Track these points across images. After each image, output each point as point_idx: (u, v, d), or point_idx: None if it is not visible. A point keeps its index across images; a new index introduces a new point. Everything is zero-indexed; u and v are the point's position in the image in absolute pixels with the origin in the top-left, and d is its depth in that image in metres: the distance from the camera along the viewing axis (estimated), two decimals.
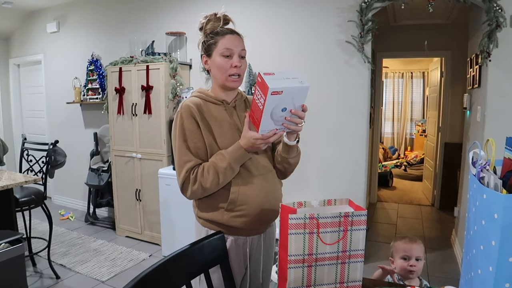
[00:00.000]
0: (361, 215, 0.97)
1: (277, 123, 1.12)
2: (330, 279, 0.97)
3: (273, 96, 1.02)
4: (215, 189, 1.22)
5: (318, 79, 2.94)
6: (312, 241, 0.93)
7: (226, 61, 1.25)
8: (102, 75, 3.98)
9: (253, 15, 3.16)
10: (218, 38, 1.27)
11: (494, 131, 2.39)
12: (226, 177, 1.20)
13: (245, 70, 1.31)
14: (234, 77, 1.27)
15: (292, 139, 1.25)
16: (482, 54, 2.42)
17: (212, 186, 1.20)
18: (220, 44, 1.26)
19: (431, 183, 4.85)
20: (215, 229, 1.27)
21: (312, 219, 0.92)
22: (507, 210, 0.66)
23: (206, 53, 1.31)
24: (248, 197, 1.26)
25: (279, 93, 1.02)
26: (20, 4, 4.32)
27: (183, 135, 1.23)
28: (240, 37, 1.31)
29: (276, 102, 1.04)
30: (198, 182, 1.20)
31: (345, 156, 2.93)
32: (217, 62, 1.27)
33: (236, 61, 1.25)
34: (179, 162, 1.23)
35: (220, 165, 1.18)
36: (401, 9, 2.60)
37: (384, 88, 7.27)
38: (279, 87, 1.01)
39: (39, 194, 2.80)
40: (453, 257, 3.13)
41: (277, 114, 1.09)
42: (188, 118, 1.24)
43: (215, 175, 1.19)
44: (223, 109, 1.32)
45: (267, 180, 1.31)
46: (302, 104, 1.11)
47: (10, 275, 1.94)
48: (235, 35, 1.29)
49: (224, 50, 1.25)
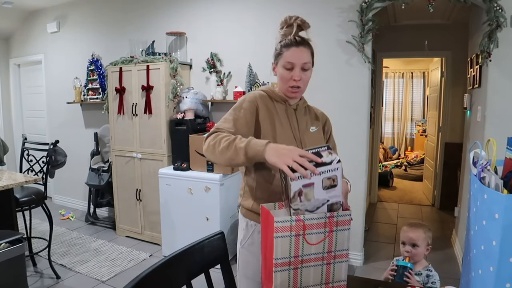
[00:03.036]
0: (346, 215, 0.97)
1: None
2: (316, 280, 0.97)
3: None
4: (222, 159, 1.16)
5: (319, 79, 2.94)
6: (298, 243, 0.93)
7: (288, 73, 1.28)
8: (103, 75, 3.98)
9: (254, 15, 3.16)
10: (284, 50, 1.30)
11: (494, 131, 2.39)
12: (234, 157, 1.13)
13: (307, 81, 1.32)
14: (294, 88, 1.29)
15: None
16: (483, 54, 2.42)
17: (221, 155, 1.15)
18: (284, 56, 1.28)
19: (431, 183, 4.85)
20: (255, 220, 1.31)
21: (298, 221, 0.92)
22: (508, 210, 0.66)
23: (274, 61, 1.35)
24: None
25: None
26: (20, 4, 4.32)
27: (237, 109, 1.28)
28: (305, 49, 1.31)
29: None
30: (217, 141, 1.17)
31: (345, 156, 2.92)
32: (279, 72, 1.31)
33: (296, 75, 1.27)
34: (219, 124, 1.25)
35: (237, 143, 1.13)
36: (401, 9, 2.60)
37: (385, 88, 7.27)
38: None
39: (39, 194, 2.80)
40: (453, 257, 3.13)
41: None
42: (251, 101, 1.29)
43: (228, 146, 1.14)
44: (284, 108, 1.35)
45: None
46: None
47: (11, 275, 1.94)
48: (300, 47, 1.29)
49: (286, 63, 1.28)
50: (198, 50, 3.45)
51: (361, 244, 2.99)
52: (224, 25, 3.30)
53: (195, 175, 2.92)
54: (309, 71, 1.32)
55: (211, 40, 3.37)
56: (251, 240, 1.36)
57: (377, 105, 4.75)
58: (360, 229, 2.97)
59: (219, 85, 3.30)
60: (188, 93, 3.22)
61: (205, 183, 2.86)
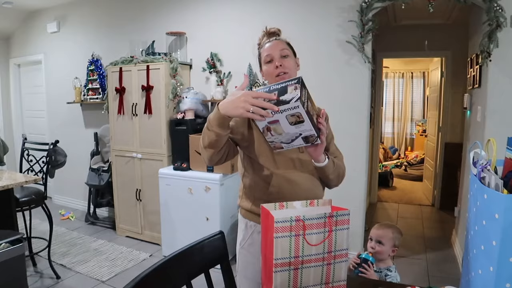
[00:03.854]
0: (345, 214, 0.97)
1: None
2: (316, 281, 0.97)
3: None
4: (209, 149, 1.18)
5: (319, 79, 2.94)
6: (298, 243, 0.93)
7: (270, 65, 1.31)
8: (103, 75, 3.98)
9: (254, 15, 3.16)
10: (260, 50, 1.37)
11: (494, 131, 2.39)
12: (210, 136, 1.15)
13: (293, 67, 1.32)
14: (281, 75, 1.29)
15: (320, 160, 1.24)
16: (483, 54, 2.42)
17: (204, 145, 1.19)
18: (262, 54, 1.35)
19: (431, 183, 4.85)
20: (255, 221, 1.32)
21: (298, 221, 0.92)
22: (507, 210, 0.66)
23: (260, 66, 1.39)
24: (289, 193, 1.28)
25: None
26: (20, 4, 4.32)
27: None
28: (278, 41, 1.34)
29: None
30: (201, 142, 1.22)
31: (345, 156, 2.91)
32: (264, 70, 1.34)
33: (277, 61, 1.29)
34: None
35: (204, 127, 1.18)
36: (401, 9, 2.60)
37: (385, 88, 7.27)
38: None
39: (39, 194, 2.80)
40: (453, 257, 3.13)
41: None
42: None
43: (203, 135, 1.19)
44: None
45: (310, 178, 1.33)
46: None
47: (11, 275, 1.94)
48: (272, 41, 1.34)
49: (265, 58, 1.32)
50: (198, 50, 3.45)
51: (361, 244, 2.99)
52: (224, 25, 3.30)
53: (195, 175, 2.92)
54: (290, 59, 1.32)
55: (211, 40, 3.37)
56: (251, 240, 1.35)
57: (377, 105, 4.74)
58: (360, 229, 2.97)
59: (219, 85, 3.29)
60: (188, 93, 3.22)
61: (205, 183, 2.86)
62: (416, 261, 3.10)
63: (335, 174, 1.34)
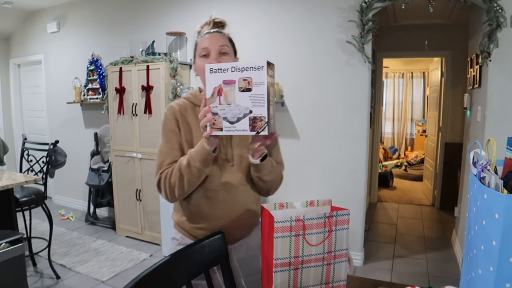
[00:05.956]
0: (345, 214, 0.97)
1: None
2: (316, 281, 0.97)
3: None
4: (182, 189, 1.12)
5: (319, 79, 2.94)
6: (298, 243, 0.93)
7: (204, 61, 1.16)
8: (103, 75, 3.98)
9: (254, 15, 3.16)
10: (198, 41, 1.21)
11: (494, 131, 2.39)
12: (189, 176, 1.09)
13: None
14: None
15: (256, 156, 1.09)
16: (483, 54, 2.42)
17: (179, 186, 1.12)
18: (199, 45, 1.20)
19: (431, 183, 4.85)
20: (183, 233, 1.25)
21: (298, 221, 0.92)
22: (508, 210, 0.66)
23: (193, 58, 1.24)
24: (208, 212, 1.20)
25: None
26: (20, 4, 4.32)
27: (164, 136, 1.22)
28: (220, 34, 1.21)
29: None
30: (167, 182, 1.13)
31: (346, 156, 2.94)
32: (197, 66, 1.20)
33: (212, 58, 1.15)
34: (157, 163, 1.20)
35: (182, 163, 1.10)
36: (401, 9, 2.60)
37: (385, 88, 7.27)
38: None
39: (39, 194, 2.80)
40: (453, 257, 3.13)
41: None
42: (171, 120, 1.21)
43: (179, 173, 1.11)
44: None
45: (235, 196, 1.20)
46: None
47: (10, 275, 1.94)
48: (213, 34, 1.20)
49: (201, 51, 1.18)
50: None
51: (361, 244, 2.99)
52: None
53: None
54: (228, 58, 1.19)
55: None
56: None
57: (377, 105, 4.75)
58: (360, 229, 2.97)
59: None
60: (187, 93, 3.21)
61: None
62: (416, 261, 3.10)
63: (271, 177, 1.19)
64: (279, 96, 3.05)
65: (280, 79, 3.05)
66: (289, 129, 3.09)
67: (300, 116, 3.06)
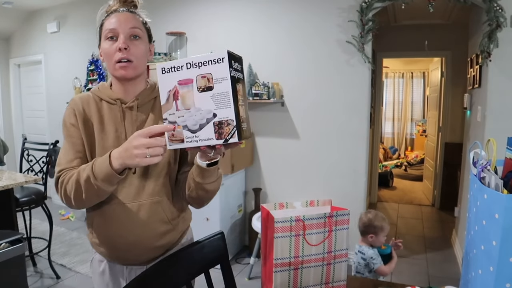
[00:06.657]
0: (345, 214, 0.97)
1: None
2: (316, 281, 0.97)
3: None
4: (79, 202, 0.96)
5: (319, 79, 2.94)
6: (298, 243, 0.93)
7: (111, 44, 0.98)
8: (103, 75, 3.98)
9: (254, 15, 3.16)
10: (104, 20, 1.02)
11: (494, 131, 2.39)
12: (89, 191, 0.92)
13: (142, 55, 1.01)
14: (122, 63, 0.98)
15: (205, 159, 0.89)
16: (483, 54, 2.42)
17: (75, 199, 0.95)
18: (104, 26, 1.01)
19: (431, 183, 4.85)
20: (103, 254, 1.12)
21: (298, 221, 0.92)
22: (508, 210, 0.66)
23: (98, 42, 1.05)
24: (102, 227, 1.06)
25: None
26: (20, 4, 4.32)
27: (65, 131, 1.07)
28: (131, 14, 1.02)
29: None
30: (63, 188, 0.97)
31: (346, 156, 2.94)
32: (103, 48, 1.01)
33: (121, 41, 0.96)
34: (57, 160, 1.04)
35: (82, 175, 0.92)
36: (401, 9, 2.61)
37: (385, 88, 7.27)
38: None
39: (39, 194, 2.80)
40: (453, 257, 3.13)
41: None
42: (70, 114, 1.06)
43: (76, 185, 0.93)
44: (115, 110, 1.05)
45: (138, 211, 1.02)
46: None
47: (10, 275, 1.94)
48: (122, 13, 1.00)
49: (107, 33, 0.99)
50: (198, 50, 3.45)
51: None
52: (224, 25, 3.29)
53: None
54: (140, 43, 1.01)
55: (211, 40, 3.37)
56: (92, 268, 1.17)
57: (377, 105, 4.75)
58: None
59: None
60: None
61: None
62: (416, 261, 3.10)
63: (214, 186, 0.99)
64: (279, 96, 3.05)
65: (280, 79, 3.06)
66: (289, 129, 3.09)
67: (300, 116, 3.06)
